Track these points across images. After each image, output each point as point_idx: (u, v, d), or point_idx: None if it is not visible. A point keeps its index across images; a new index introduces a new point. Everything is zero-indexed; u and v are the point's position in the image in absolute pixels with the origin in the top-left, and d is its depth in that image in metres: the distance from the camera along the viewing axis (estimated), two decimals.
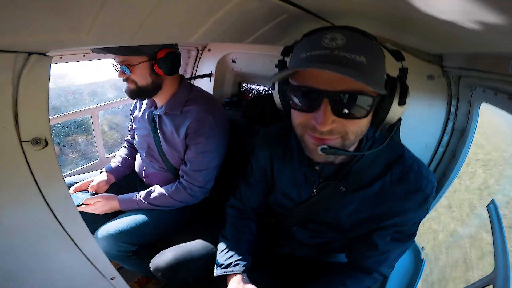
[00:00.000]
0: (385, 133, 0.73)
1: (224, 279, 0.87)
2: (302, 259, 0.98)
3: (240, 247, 0.91)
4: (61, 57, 1.22)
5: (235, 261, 0.87)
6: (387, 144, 0.70)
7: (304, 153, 0.73)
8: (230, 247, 0.91)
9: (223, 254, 0.90)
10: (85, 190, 1.25)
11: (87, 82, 2.35)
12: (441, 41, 0.82)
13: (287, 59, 0.69)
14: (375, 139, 0.76)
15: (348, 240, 0.87)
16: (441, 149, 1.26)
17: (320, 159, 0.67)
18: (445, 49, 1.01)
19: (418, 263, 1.18)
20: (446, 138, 1.25)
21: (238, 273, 0.85)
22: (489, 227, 0.99)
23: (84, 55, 1.29)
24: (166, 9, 0.42)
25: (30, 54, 0.42)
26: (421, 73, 1.22)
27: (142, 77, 1.11)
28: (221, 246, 0.93)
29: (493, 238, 0.94)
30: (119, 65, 1.10)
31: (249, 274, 0.88)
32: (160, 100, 1.21)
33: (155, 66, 1.10)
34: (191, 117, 1.15)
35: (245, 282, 0.84)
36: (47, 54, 0.44)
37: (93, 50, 1.09)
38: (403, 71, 0.64)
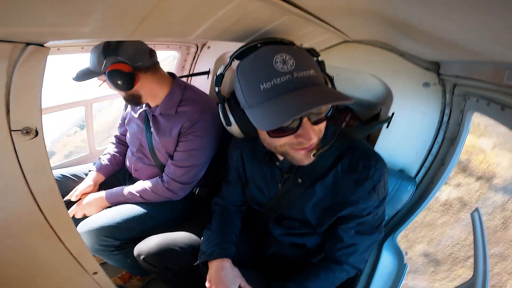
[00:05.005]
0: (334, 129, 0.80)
1: (208, 268, 0.88)
2: (284, 259, 0.99)
3: (225, 238, 0.93)
4: (58, 49, 1.19)
5: (219, 248, 0.89)
6: (338, 136, 0.78)
7: (265, 152, 0.84)
8: (214, 237, 0.93)
9: (207, 243, 0.92)
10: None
11: None
12: (440, 47, 0.83)
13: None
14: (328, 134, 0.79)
15: (322, 239, 0.92)
16: (430, 157, 1.27)
17: (310, 161, 0.70)
18: (443, 56, 1.02)
19: (400, 267, 1.20)
20: (436, 146, 1.26)
21: (221, 258, 0.87)
22: None
23: (83, 47, 1.26)
24: (169, 5, 0.42)
25: (27, 44, 0.41)
26: (418, 81, 1.23)
27: (116, 91, 1.11)
28: (206, 236, 0.96)
29: (474, 245, 0.95)
30: None
31: None
32: (152, 101, 1.20)
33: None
34: (186, 118, 1.15)
35: (227, 267, 0.86)
36: (44, 45, 0.43)
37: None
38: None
